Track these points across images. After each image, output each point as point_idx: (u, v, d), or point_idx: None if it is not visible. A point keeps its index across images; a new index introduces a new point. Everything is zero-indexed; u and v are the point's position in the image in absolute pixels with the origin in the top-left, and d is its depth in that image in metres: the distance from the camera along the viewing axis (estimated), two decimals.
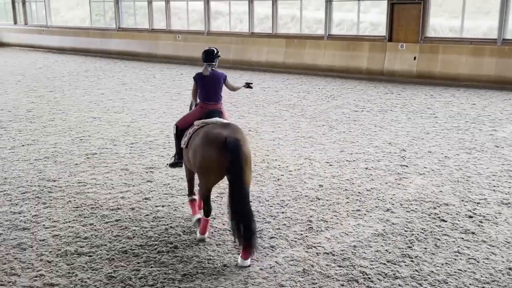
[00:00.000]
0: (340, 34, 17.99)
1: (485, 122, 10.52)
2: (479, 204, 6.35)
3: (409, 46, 15.87)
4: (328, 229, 5.70)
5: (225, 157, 4.89)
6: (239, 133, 5.13)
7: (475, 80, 14.63)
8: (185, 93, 14.15)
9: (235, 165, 4.86)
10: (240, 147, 4.89)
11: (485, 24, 15.80)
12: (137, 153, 8.61)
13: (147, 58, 22.11)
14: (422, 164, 7.90)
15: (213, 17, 21.22)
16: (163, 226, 5.80)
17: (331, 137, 9.56)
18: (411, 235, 5.52)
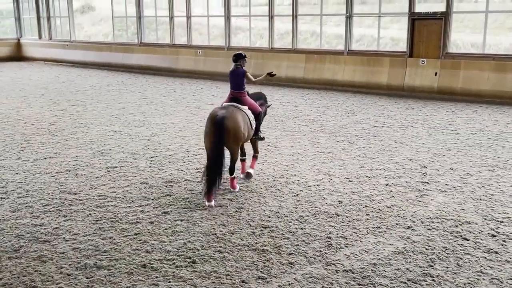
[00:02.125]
0: (360, 50, 17.96)
1: (508, 139, 10.35)
2: (502, 222, 6.22)
3: (430, 61, 15.77)
4: (347, 246, 5.64)
5: (212, 128, 6.95)
6: (230, 113, 7.08)
7: (497, 97, 14.44)
8: (205, 108, 14.24)
9: (216, 134, 6.91)
10: (223, 123, 6.90)
11: (508, 40, 15.63)
12: (157, 167, 8.67)
13: (168, 72, 22.36)
14: (444, 181, 7.79)
15: (233, 32, 21.40)
16: (182, 240, 5.81)
17: (350, 152, 9.50)
18: (433, 254, 5.42)
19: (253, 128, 7.63)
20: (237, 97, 7.68)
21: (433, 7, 16.39)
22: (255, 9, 20.82)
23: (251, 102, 7.73)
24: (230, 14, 21.03)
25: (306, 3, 20.27)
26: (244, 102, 7.64)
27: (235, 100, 7.64)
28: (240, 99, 7.65)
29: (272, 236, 5.90)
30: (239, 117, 7.16)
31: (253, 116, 7.60)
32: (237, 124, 7.08)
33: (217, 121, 6.92)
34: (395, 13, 17.59)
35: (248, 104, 7.67)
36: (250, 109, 7.63)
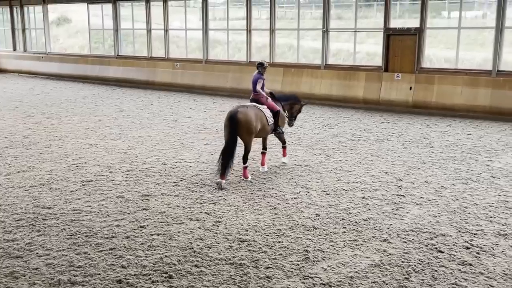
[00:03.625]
0: (337, 64, 18.18)
1: (481, 152, 10.56)
2: (476, 235, 6.32)
3: (405, 76, 16.05)
4: (325, 259, 5.66)
5: (228, 122, 8.23)
6: (245, 110, 8.37)
7: (470, 111, 14.76)
8: (183, 121, 14.20)
9: (229, 127, 8.20)
10: (236, 117, 8.17)
11: (480, 55, 16.04)
12: (133, 181, 8.59)
13: (145, 85, 22.26)
14: (419, 194, 7.90)
15: (211, 45, 21.47)
16: (158, 255, 5.74)
17: (327, 165, 9.57)
18: (408, 266, 5.47)
19: (270, 124, 8.89)
20: (255, 98, 9.00)
21: (407, 22, 16.74)
22: (232, 22, 20.94)
23: (269, 102, 8.99)
24: (208, 27, 21.10)
25: (284, 17, 20.50)
26: (262, 102, 8.93)
27: (255, 100, 8.98)
28: (258, 99, 8.94)
29: (250, 249, 5.88)
30: (251, 113, 8.42)
31: (270, 114, 8.90)
32: (248, 119, 8.32)
33: (232, 116, 8.23)
34: (371, 28, 17.91)
35: (266, 103, 8.95)
36: (269, 108, 8.93)
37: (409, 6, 17.50)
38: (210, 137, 12.12)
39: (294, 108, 9.84)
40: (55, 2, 27.03)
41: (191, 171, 9.17)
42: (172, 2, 22.46)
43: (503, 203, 7.45)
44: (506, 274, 5.30)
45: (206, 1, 20.82)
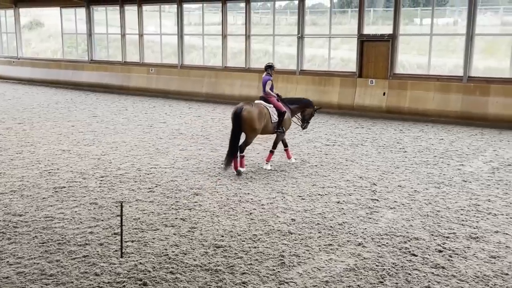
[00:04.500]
0: (312, 70, 18.32)
1: (452, 157, 10.76)
2: (448, 238, 6.43)
3: (379, 82, 16.26)
4: (300, 264, 5.67)
5: (233, 117, 9.18)
6: (249, 107, 9.17)
7: (442, 116, 15.03)
8: (158, 126, 14.10)
9: (234, 122, 9.15)
10: (240, 113, 9.06)
11: (451, 61, 16.36)
12: (107, 187, 8.47)
13: (119, 90, 22.04)
14: (393, 198, 7.99)
15: (186, 50, 21.40)
16: (132, 262, 5.67)
17: (303, 170, 9.61)
18: (383, 270, 5.53)
19: (273, 122, 9.52)
20: (263, 97, 9.70)
21: (380, 29, 16.98)
22: (208, 28, 20.93)
23: (276, 102, 9.64)
24: (183, 32, 21.04)
25: (259, 23, 20.57)
26: (270, 101, 9.63)
27: (263, 99, 9.66)
28: (267, 99, 9.65)
29: (225, 255, 5.86)
30: (255, 110, 9.19)
31: (276, 113, 9.57)
32: (251, 115, 9.12)
33: (236, 112, 9.14)
34: (345, 34, 18.11)
35: (274, 103, 9.61)
36: (275, 107, 9.59)
37: (382, 13, 17.76)
38: (186, 142, 12.05)
39: (306, 111, 10.39)
40: (27, 5, 26.59)
41: (166, 177, 9.10)
42: (147, 7, 22.33)
43: (474, 207, 7.60)
44: (478, 277, 5.40)
45: (181, 6, 20.77)
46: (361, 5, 16.66)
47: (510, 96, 14.17)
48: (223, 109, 17.43)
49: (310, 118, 10.52)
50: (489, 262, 5.74)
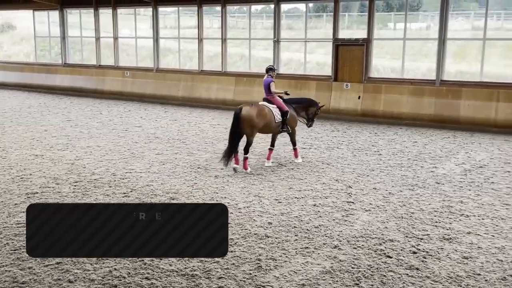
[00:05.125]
0: (288, 73, 18.41)
1: (426, 159, 10.93)
2: (422, 239, 6.52)
3: (354, 85, 16.43)
4: (277, 268, 5.68)
5: (233, 117, 9.62)
6: (249, 107, 9.66)
7: (416, 119, 15.26)
8: (133, 130, 13.97)
9: (234, 122, 9.57)
10: (239, 114, 9.50)
11: (424, 65, 16.63)
12: (81, 192, 8.35)
13: (94, 94, 21.77)
14: (368, 201, 8.08)
15: (162, 54, 21.28)
16: (107, 268, 5.60)
17: (280, 174, 9.64)
18: (358, 272, 5.58)
19: (277, 122, 9.93)
20: (267, 99, 10.14)
21: (355, 33, 17.18)
22: (184, 31, 20.86)
23: (279, 102, 10.09)
24: (158, 35, 20.93)
25: (235, 27, 20.58)
26: (273, 102, 10.08)
27: (267, 100, 10.13)
28: (270, 100, 10.11)
29: (202, 260, 5.83)
30: (253, 110, 9.62)
31: (279, 113, 9.96)
32: (250, 115, 9.55)
33: (236, 112, 9.61)
34: (320, 39, 18.25)
35: (277, 103, 10.05)
36: (278, 107, 9.99)
37: (357, 17, 17.96)
38: (162, 146, 11.97)
39: (309, 110, 10.77)
40: None
41: (141, 182, 9.02)
42: (122, 10, 22.15)
43: (447, 208, 7.73)
44: (451, 277, 5.49)
45: (156, 9, 20.65)
46: (336, 10, 16.85)
47: (481, 99, 14.48)
48: (199, 113, 17.38)
49: (315, 116, 10.93)
50: (461, 263, 5.84)
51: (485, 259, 5.94)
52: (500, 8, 15.97)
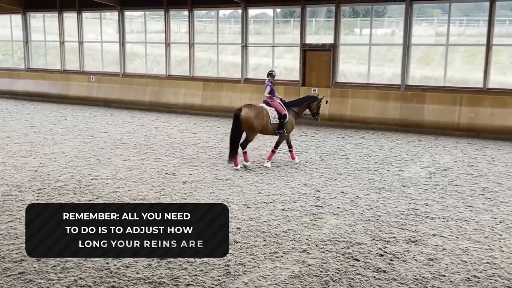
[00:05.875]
0: (257, 78, 18.44)
1: (392, 163, 11.10)
2: (389, 242, 6.61)
3: (321, 90, 16.56)
4: (246, 273, 5.65)
5: (233, 118, 10.20)
6: (247, 108, 10.22)
7: (382, 123, 15.51)
8: (99, 136, 13.73)
9: (233, 122, 10.15)
10: (238, 115, 10.09)
11: (390, 70, 16.93)
12: (45, 200, 8.14)
13: (58, 99, 21.32)
14: (336, 204, 8.14)
15: (129, 58, 21.02)
16: (72, 277, 5.46)
17: (248, 179, 9.63)
18: (327, 276, 5.61)
19: (273, 124, 10.42)
20: (266, 101, 10.64)
21: (322, 39, 17.35)
22: (151, 35, 20.67)
23: (278, 105, 10.59)
24: (125, 40, 20.68)
25: (203, 31, 20.51)
26: (272, 105, 10.57)
27: (266, 103, 10.63)
28: (268, 102, 10.59)
29: (169, 267, 5.76)
30: (252, 111, 10.17)
31: (276, 115, 10.45)
32: (248, 116, 10.11)
33: (235, 113, 10.19)
34: (288, 44, 18.36)
35: (275, 106, 10.55)
36: (276, 110, 10.48)
37: (324, 23, 18.16)
38: (128, 152, 11.80)
39: (312, 106, 11.17)
40: None
41: (107, 188, 8.86)
42: (87, 14, 21.79)
43: (413, 211, 7.87)
44: (417, 279, 5.58)
45: (122, 13, 20.41)
46: (303, 15, 17.00)
47: (444, 103, 14.82)
48: (167, 118, 17.22)
49: (318, 109, 11.31)
50: (427, 265, 5.94)
51: (450, 260, 6.07)
52: (462, 14, 16.41)
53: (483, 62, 14.79)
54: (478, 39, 15.42)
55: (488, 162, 11.15)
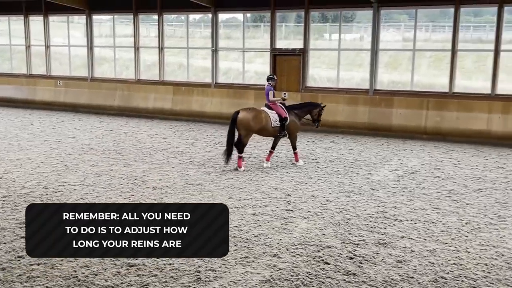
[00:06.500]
0: (227, 83, 18.44)
1: (361, 166, 11.24)
2: (358, 245, 6.68)
3: (292, 95, 16.66)
4: (216, 279, 5.62)
5: (231, 120, 10.50)
6: (245, 111, 10.63)
7: (351, 127, 15.69)
8: (66, 141, 13.48)
9: (230, 124, 10.46)
10: (235, 117, 10.45)
11: (358, 75, 17.16)
12: (10, 207, 7.94)
13: (24, 104, 20.84)
14: (306, 208, 8.19)
15: (97, 63, 20.73)
16: (39, 286, 5.33)
17: (219, 183, 9.60)
18: (297, 280, 5.62)
19: (274, 127, 10.78)
20: (267, 105, 11.01)
21: (292, 43, 17.48)
22: (120, 39, 20.43)
23: (279, 109, 10.92)
24: (93, 44, 20.39)
25: (173, 35, 20.40)
26: (273, 108, 10.92)
27: (267, 106, 10.99)
28: (270, 106, 10.96)
29: (139, 274, 5.68)
30: (250, 114, 10.55)
31: (277, 118, 10.79)
32: (244, 118, 10.49)
33: (232, 116, 10.55)
34: (258, 48, 18.42)
35: (276, 110, 10.89)
36: (278, 113, 10.83)
37: (293, 28, 18.29)
38: (97, 158, 11.62)
39: (313, 112, 11.45)
40: None
41: (75, 195, 8.70)
42: (54, 18, 21.42)
43: (382, 214, 7.97)
44: (386, 281, 5.65)
45: (90, 17, 20.13)
46: (273, 20, 17.09)
47: (411, 108, 15.10)
48: (136, 123, 17.04)
49: (319, 116, 11.54)
50: (396, 267, 6.03)
51: (418, 262, 6.17)
52: (428, 20, 16.77)
53: (448, 67, 15.14)
54: (443, 45, 15.78)
55: (454, 165, 11.41)
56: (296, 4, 16.83)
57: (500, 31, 14.33)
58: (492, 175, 10.52)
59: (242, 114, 10.54)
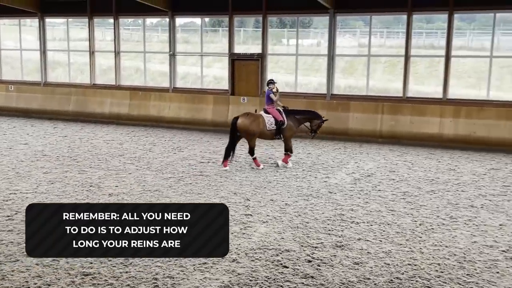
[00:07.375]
0: (185, 87, 18.31)
1: (319, 170, 11.37)
2: (316, 248, 6.74)
3: (250, 99, 16.72)
4: (174, 286, 5.55)
5: (231, 126, 11.16)
6: (244, 116, 11.17)
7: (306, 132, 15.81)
8: (18, 148, 13.04)
9: (231, 130, 11.09)
10: (235, 123, 11.04)
11: (316, 80, 17.39)
12: None
13: None
14: (265, 212, 8.21)
15: (51, 67, 20.19)
16: None
17: (177, 189, 9.50)
18: (256, 285, 5.62)
19: (269, 130, 11.23)
20: (266, 109, 11.40)
21: (250, 48, 17.55)
22: (74, 43, 19.97)
23: (275, 113, 11.31)
24: (46, 48, 19.85)
25: (130, 39, 20.11)
26: (270, 112, 11.33)
27: (264, 110, 11.42)
28: (268, 109, 11.36)
29: (94, 283, 5.54)
30: (248, 119, 11.09)
31: (273, 122, 11.24)
32: (243, 123, 11.05)
33: (232, 121, 11.17)
34: (216, 53, 18.40)
35: (272, 114, 11.30)
36: (274, 117, 11.25)
37: (252, 33, 18.37)
38: (50, 164, 11.29)
39: (313, 123, 11.70)
40: None
41: (27, 203, 8.36)
42: (5, 20, 20.74)
43: (339, 216, 8.08)
44: (343, 283, 5.72)
45: (43, 20, 19.60)
46: (231, 25, 17.11)
47: (367, 112, 15.40)
48: (92, 128, 16.67)
49: (318, 128, 11.82)
50: (353, 269, 6.12)
51: (374, 263, 6.28)
52: (383, 26, 17.20)
53: (402, 72, 15.55)
54: (397, 50, 16.21)
55: (408, 168, 11.70)
56: (254, 9, 16.91)
57: (451, 37, 14.83)
58: (444, 177, 10.85)
59: (241, 120, 11.06)
